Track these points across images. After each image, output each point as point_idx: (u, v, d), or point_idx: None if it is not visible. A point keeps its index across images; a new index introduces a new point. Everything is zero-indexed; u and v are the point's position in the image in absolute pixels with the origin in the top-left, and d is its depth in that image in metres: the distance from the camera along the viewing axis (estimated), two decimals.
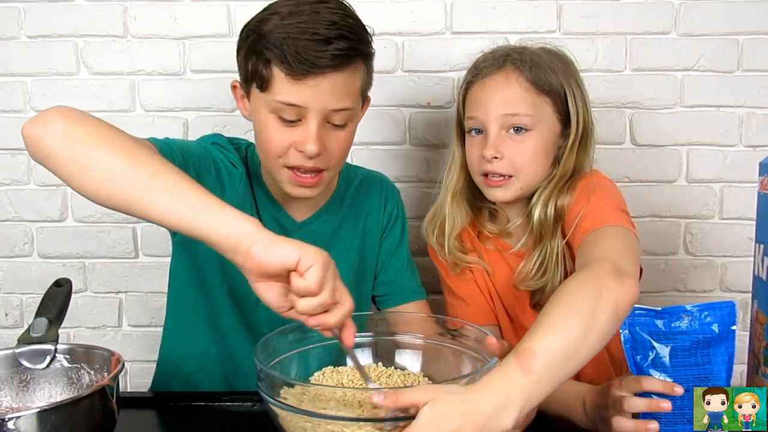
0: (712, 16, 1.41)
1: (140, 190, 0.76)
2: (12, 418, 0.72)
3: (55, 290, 0.94)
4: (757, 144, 1.44)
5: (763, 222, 0.90)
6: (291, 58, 0.92)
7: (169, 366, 1.16)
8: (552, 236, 1.09)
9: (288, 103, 0.95)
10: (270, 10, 0.98)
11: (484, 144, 1.08)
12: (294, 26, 0.94)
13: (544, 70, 1.09)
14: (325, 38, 0.93)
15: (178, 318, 1.14)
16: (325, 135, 0.98)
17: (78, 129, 0.80)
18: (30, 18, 1.44)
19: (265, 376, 0.78)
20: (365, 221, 1.17)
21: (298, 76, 0.93)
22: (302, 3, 0.96)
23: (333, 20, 0.94)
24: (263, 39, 0.95)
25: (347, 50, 0.95)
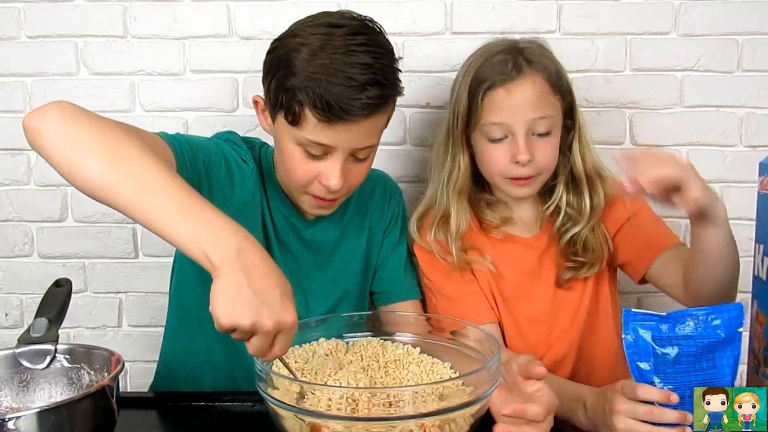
0: (712, 16, 1.41)
1: (123, 199, 0.77)
2: (12, 418, 0.72)
3: (55, 290, 0.94)
4: (756, 144, 1.44)
5: (763, 222, 0.90)
6: (324, 105, 0.92)
7: (173, 360, 1.16)
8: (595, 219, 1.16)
9: (317, 142, 0.97)
10: (299, 38, 0.97)
11: (512, 148, 1.10)
12: (326, 67, 0.93)
13: (554, 67, 1.12)
14: (359, 84, 0.93)
15: (183, 314, 1.15)
16: (348, 168, 1.01)
17: (74, 130, 0.80)
18: (30, 18, 1.44)
19: (265, 375, 0.78)
20: (370, 218, 1.19)
21: (331, 121, 0.94)
22: (334, 33, 0.95)
23: (367, 62, 0.94)
24: (294, 77, 0.95)
25: (380, 98, 0.96)
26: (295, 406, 0.75)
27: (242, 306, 0.71)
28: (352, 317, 0.99)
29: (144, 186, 0.77)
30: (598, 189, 1.17)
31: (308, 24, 0.99)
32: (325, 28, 0.96)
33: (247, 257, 0.74)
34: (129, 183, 0.77)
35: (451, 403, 0.75)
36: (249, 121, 1.45)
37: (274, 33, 1.41)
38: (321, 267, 1.15)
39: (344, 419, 0.73)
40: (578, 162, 1.16)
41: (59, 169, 0.81)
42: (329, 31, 0.95)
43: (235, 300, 0.72)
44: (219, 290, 0.72)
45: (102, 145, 0.79)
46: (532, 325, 1.19)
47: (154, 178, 0.78)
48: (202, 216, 0.75)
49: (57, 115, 0.81)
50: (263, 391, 0.78)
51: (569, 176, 1.17)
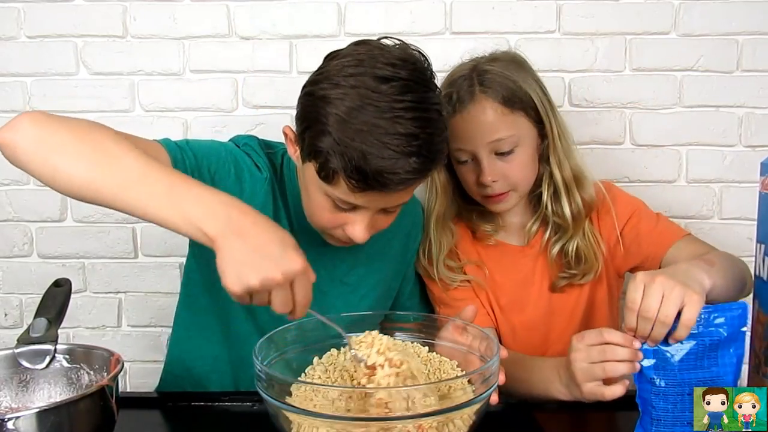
0: (712, 16, 1.41)
1: (108, 194, 0.78)
2: (11, 418, 0.72)
3: (55, 290, 0.94)
4: (756, 144, 1.44)
5: (763, 222, 0.90)
6: (359, 176, 0.85)
7: (179, 367, 1.15)
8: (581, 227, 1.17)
9: (347, 202, 0.91)
10: (338, 89, 0.86)
11: (477, 170, 1.12)
12: (365, 134, 0.83)
13: (509, 86, 1.11)
14: (400, 157, 0.84)
15: (191, 320, 1.13)
16: (375, 221, 0.95)
17: (47, 135, 0.80)
18: (30, 18, 1.43)
19: (264, 375, 0.78)
20: (399, 240, 1.16)
21: (364, 190, 0.87)
22: (379, 90, 0.84)
23: (412, 133, 0.84)
24: (327, 136, 0.86)
25: (421, 171, 0.87)
26: (294, 406, 0.75)
27: (246, 268, 0.72)
28: (352, 317, 0.99)
29: (125, 178, 0.77)
30: (575, 196, 1.16)
31: (349, 68, 0.87)
32: (369, 80, 0.85)
33: (239, 222, 0.75)
34: (110, 178, 0.77)
35: (451, 403, 0.75)
36: (248, 121, 1.45)
37: (273, 33, 1.43)
38: (337, 285, 1.12)
39: (345, 419, 0.73)
40: (556, 171, 1.16)
41: (40, 176, 0.81)
42: (374, 87, 0.85)
43: (238, 265, 0.73)
44: (221, 262, 0.73)
45: (78, 146, 0.79)
46: (528, 331, 1.19)
47: (133, 168, 0.78)
48: (187, 194, 0.76)
49: (27, 124, 0.81)
50: (263, 391, 0.78)
51: (553, 187, 1.17)
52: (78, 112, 1.45)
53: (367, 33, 1.35)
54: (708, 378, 0.81)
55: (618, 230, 1.18)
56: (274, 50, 1.43)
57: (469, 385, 0.80)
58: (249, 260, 0.73)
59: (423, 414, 0.73)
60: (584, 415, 0.96)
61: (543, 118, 1.13)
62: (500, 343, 1.16)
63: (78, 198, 0.81)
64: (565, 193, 1.16)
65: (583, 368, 0.88)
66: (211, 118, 1.46)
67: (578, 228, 1.16)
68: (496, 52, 1.18)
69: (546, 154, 1.16)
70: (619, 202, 1.20)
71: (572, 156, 1.17)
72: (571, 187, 1.16)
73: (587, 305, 1.19)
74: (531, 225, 1.20)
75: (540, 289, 1.20)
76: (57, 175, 0.79)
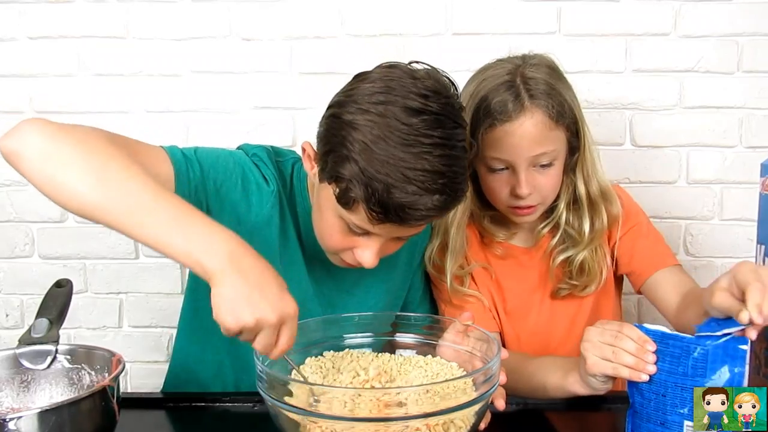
0: (712, 17, 1.41)
1: (111, 217, 0.77)
2: (13, 418, 0.72)
3: (56, 291, 0.94)
4: (756, 145, 1.44)
5: (764, 223, 0.90)
6: (380, 208, 0.83)
7: (184, 371, 1.15)
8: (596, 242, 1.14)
9: (364, 229, 0.89)
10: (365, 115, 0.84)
11: (511, 180, 1.08)
12: (390, 166, 0.81)
13: (557, 99, 1.08)
14: (424, 193, 0.82)
15: (195, 324, 1.12)
16: (386, 246, 0.93)
17: (54, 149, 0.78)
18: (30, 19, 1.44)
19: (265, 376, 0.78)
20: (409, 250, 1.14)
21: (383, 222, 0.85)
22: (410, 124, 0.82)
23: (439, 170, 0.82)
24: (350, 163, 0.83)
25: (443, 209, 0.86)
26: (295, 407, 0.75)
27: (243, 305, 0.73)
28: (352, 317, 0.99)
29: (131, 203, 0.76)
30: (602, 213, 1.13)
31: (379, 95, 0.85)
32: (398, 110, 0.83)
33: (240, 260, 0.74)
34: (116, 201, 0.76)
35: (451, 403, 0.75)
36: (249, 122, 1.45)
37: (274, 33, 1.43)
38: (344, 295, 1.11)
39: (345, 419, 0.73)
40: (581, 185, 1.13)
41: (42, 190, 0.79)
42: (403, 119, 0.83)
43: (235, 302, 0.73)
44: (218, 297, 0.73)
45: (84, 164, 0.77)
46: (531, 336, 1.18)
47: (140, 194, 0.76)
48: (191, 226, 0.75)
49: (33, 135, 0.79)
50: (263, 391, 0.78)
51: (572, 197, 1.15)
52: (78, 113, 1.45)
53: (367, 34, 1.36)
54: (690, 386, 0.79)
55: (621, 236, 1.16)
56: (275, 51, 1.44)
57: (470, 385, 0.80)
58: (246, 299, 0.73)
59: (423, 414, 0.73)
60: (593, 415, 0.96)
61: (579, 133, 1.11)
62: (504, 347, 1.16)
63: (79, 215, 0.79)
64: (589, 208, 1.13)
65: (594, 343, 0.86)
66: (211, 118, 1.46)
67: (593, 242, 1.14)
68: (530, 55, 1.12)
69: (572, 166, 1.13)
70: (626, 211, 1.17)
71: (598, 170, 1.14)
72: (596, 203, 1.13)
73: (591, 313, 1.18)
74: (542, 228, 1.17)
75: (543, 295, 1.18)
76: (61, 192, 0.78)
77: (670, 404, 0.81)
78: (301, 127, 1.45)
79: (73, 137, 0.79)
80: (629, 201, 1.20)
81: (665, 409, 0.81)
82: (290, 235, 1.04)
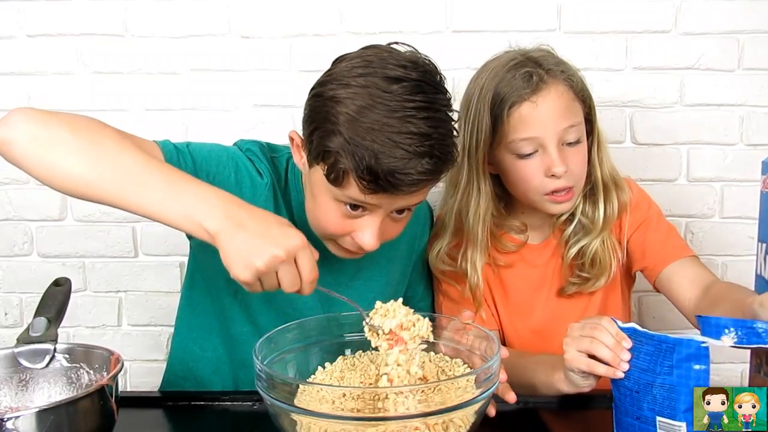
0: (713, 14, 1.41)
1: (107, 192, 0.79)
2: (11, 417, 0.72)
3: (55, 289, 0.94)
4: (757, 143, 1.44)
5: (765, 221, 0.90)
6: (370, 176, 0.83)
7: (182, 368, 1.15)
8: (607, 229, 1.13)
9: (356, 203, 0.89)
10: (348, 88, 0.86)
11: (545, 162, 1.05)
12: (376, 133, 0.82)
13: (568, 71, 1.08)
14: (412, 157, 0.83)
15: (193, 321, 1.13)
16: (385, 227, 0.93)
17: (44, 131, 0.79)
18: (29, 17, 1.43)
19: (264, 375, 0.78)
20: (407, 243, 1.14)
21: (375, 191, 0.85)
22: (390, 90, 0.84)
23: (424, 132, 0.83)
24: (337, 136, 0.84)
25: (433, 172, 0.86)
26: (294, 406, 0.75)
27: (250, 255, 0.74)
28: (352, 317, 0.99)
29: (123, 176, 0.78)
30: (613, 198, 1.13)
31: (358, 68, 0.87)
32: (379, 80, 0.85)
33: (237, 215, 0.77)
34: (108, 176, 0.78)
35: (451, 403, 0.75)
36: (248, 120, 1.45)
37: (273, 31, 1.43)
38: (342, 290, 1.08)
39: (345, 419, 0.73)
40: (597, 169, 1.12)
41: (37, 174, 0.80)
42: (384, 87, 0.84)
43: (243, 254, 0.75)
44: (226, 255, 0.75)
45: (74, 143, 0.79)
46: (533, 335, 1.18)
47: (131, 166, 0.78)
48: (185, 191, 0.78)
49: (21, 121, 0.80)
50: (262, 390, 0.78)
51: (590, 185, 1.14)
52: (78, 110, 1.43)
53: (366, 32, 1.36)
54: (659, 384, 0.79)
55: (634, 229, 1.15)
56: (274, 49, 1.43)
57: (470, 384, 0.79)
58: (251, 247, 0.75)
59: (423, 414, 0.73)
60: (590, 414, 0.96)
61: (592, 110, 1.11)
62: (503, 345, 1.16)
63: (75, 195, 0.81)
64: (603, 193, 1.12)
65: (574, 337, 0.87)
66: (211, 117, 1.45)
67: (605, 229, 1.13)
68: (529, 48, 1.12)
69: (588, 151, 1.12)
70: (635, 205, 1.16)
71: (609, 154, 1.14)
72: (609, 188, 1.13)
73: (599, 312, 1.17)
74: (555, 221, 1.16)
75: (549, 293, 1.18)
76: (54, 173, 0.79)
77: (642, 400, 0.81)
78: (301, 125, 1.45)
79: (61, 120, 0.81)
80: (641, 194, 1.19)
81: (639, 405, 0.82)
82: None
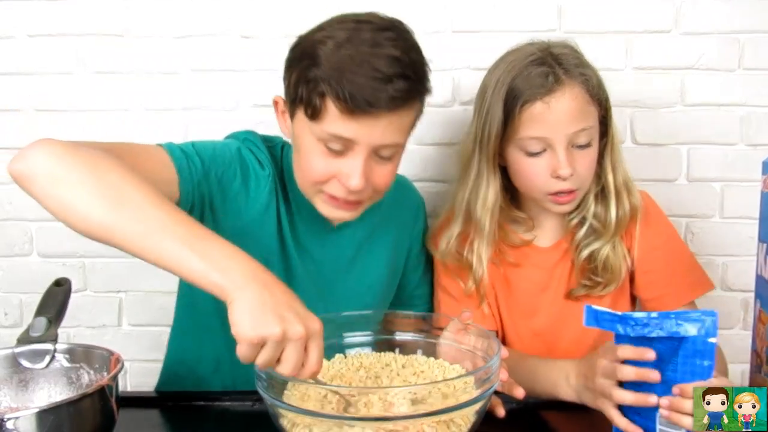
0: (713, 14, 1.40)
1: (126, 240, 0.76)
2: (11, 417, 0.72)
3: (55, 289, 0.94)
4: (758, 143, 1.44)
5: (765, 221, 0.90)
6: (348, 95, 0.88)
7: (181, 368, 1.15)
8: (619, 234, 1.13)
9: (338, 135, 0.92)
10: (326, 31, 0.94)
11: (551, 163, 1.05)
12: (352, 58, 0.89)
13: (588, 71, 1.07)
14: (385, 77, 0.89)
15: (191, 320, 1.13)
16: (370, 168, 0.95)
17: (65, 171, 0.77)
18: (29, 17, 1.43)
19: (264, 375, 0.78)
20: (397, 232, 1.16)
21: (354, 113, 0.89)
22: (362, 28, 0.92)
23: (394, 55, 0.90)
24: (318, 67, 0.90)
25: (407, 91, 0.91)
26: (294, 406, 0.75)
27: (269, 316, 0.70)
28: (352, 317, 0.99)
29: (146, 225, 0.75)
30: (624, 202, 1.12)
31: (335, 20, 0.96)
32: (353, 23, 0.93)
33: (264, 277, 0.73)
34: (130, 224, 0.75)
35: (451, 403, 0.75)
36: (249, 120, 1.44)
37: (273, 31, 1.43)
38: (342, 275, 1.11)
39: (344, 419, 0.73)
40: (609, 173, 1.12)
41: (54, 212, 0.78)
42: (357, 26, 0.92)
43: (259, 311, 0.70)
44: (240, 309, 0.70)
45: (96, 186, 0.76)
46: (535, 337, 1.17)
47: (155, 216, 0.75)
48: (210, 247, 0.74)
49: (44, 156, 0.78)
50: (262, 390, 0.78)
51: (601, 188, 1.13)
52: (77, 110, 1.45)
53: None
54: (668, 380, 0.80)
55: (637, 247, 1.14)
56: (274, 48, 1.43)
57: (470, 384, 0.79)
58: (272, 308, 0.70)
59: (423, 414, 0.73)
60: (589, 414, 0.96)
61: (608, 113, 1.09)
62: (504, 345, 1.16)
63: (93, 239, 0.78)
64: (615, 197, 1.11)
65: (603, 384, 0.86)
66: (211, 117, 1.45)
67: (617, 234, 1.12)
68: (553, 41, 1.10)
69: (601, 152, 1.11)
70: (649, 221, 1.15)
71: (623, 160, 1.13)
72: (621, 192, 1.12)
73: None
74: (566, 224, 1.15)
75: (555, 296, 1.16)
76: (72, 215, 0.77)
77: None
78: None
79: (81, 158, 0.78)
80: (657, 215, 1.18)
81: None
82: (282, 212, 1.05)
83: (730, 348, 1.29)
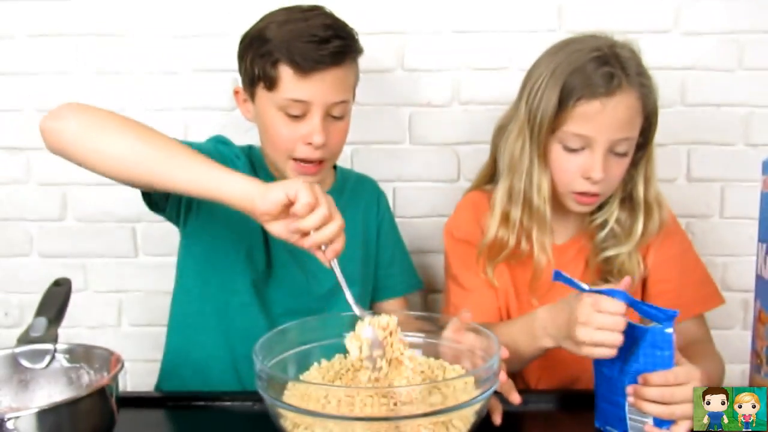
0: (713, 14, 1.40)
1: (158, 168, 0.89)
2: (11, 417, 0.72)
3: (55, 290, 0.94)
4: (758, 143, 1.44)
5: (765, 221, 0.90)
6: (298, 56, 1.04)
7: (178, 357, 1.18)
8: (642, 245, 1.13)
9: (295, 99, 1.06)
10: (266, 20, 1.10)
11: (587, 163, 1.05)
12: (294, 31, 1.06)
13: (646, 82, 1.06)
14: (323, 38, 1.05)
15: (187, 310, 1.17)
16: (327, 127, 1.08)
17: (93, 119, 0.92)
18: (29, 16, 1.43)
19: (264, 375, 0.78)
20: (364, 213, 1.24)
21: (305, 72, 1.04)
22: (293, 12, 1.09)
23: (326, 23, 1.07)
24: (269, 43, 1.06)
25: (343, 47, 1.08)
26: (294, 406, 0.75)
27: (300, 181, 0.85)
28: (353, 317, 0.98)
29: (169, 150, 0.90)
30: (655, 217, 1.11)
31: (269, 13, 1.11)
32: (285, 10, 1.10)
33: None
34: (155, 152, 0.89)
35: (451, 403, 0.75)
36: (247, 121, 1.44)
37: None
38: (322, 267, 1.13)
39: (344, 419, 0.73)
40: (640, 184, 1.11)
41: (84, 157, 0.90)
42: (289, 10, 1.10)
43: (285, 183, 0.85)
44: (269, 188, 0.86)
45: (123, 126, 0.91)
46: None
47: (172, 143, 0.91)
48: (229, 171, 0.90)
49: (72, 112, 0.92)
50: (263, 391, 0.78)
51: (628, 195, 1.12)
52: None
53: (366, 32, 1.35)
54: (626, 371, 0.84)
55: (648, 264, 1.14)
56: None
57: (470, 384, 0.79)
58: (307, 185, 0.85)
59: (423, 414, 0.73)
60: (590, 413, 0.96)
61: (652, 126, 1.08)
62: None
63: (123, 177, 0.91)
64: (645, 210, 1.11)
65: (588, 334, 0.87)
66: (211, 117, 1.45)
67: (641, 244, 1.12)
68: (618, 41, 1.08)
69: (635, 162, 1.10)
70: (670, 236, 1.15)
71: (656, 175, 1.12)
72: (652, 206, 1.11)
73: None
74: (586, 224, 1.14)
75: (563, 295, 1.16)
76: (104, 155, 0.90)
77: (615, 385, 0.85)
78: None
79: (104, 111, 0.94)
80: (674, 224, 1.18)
81: (614, 390, 0.85)
82: None
83: (730, 348, 1.29)
